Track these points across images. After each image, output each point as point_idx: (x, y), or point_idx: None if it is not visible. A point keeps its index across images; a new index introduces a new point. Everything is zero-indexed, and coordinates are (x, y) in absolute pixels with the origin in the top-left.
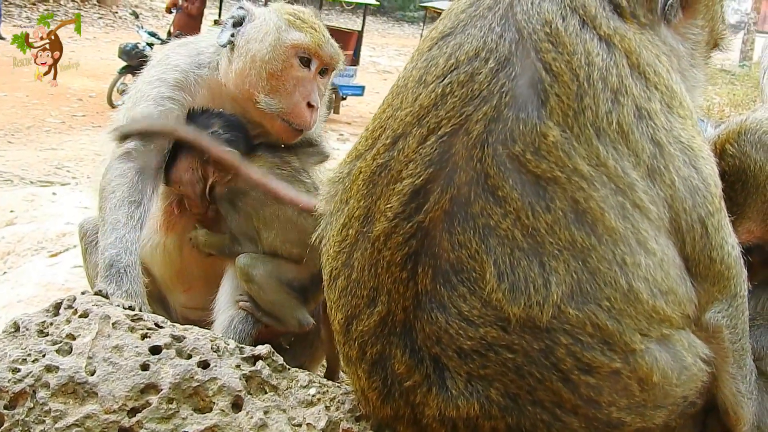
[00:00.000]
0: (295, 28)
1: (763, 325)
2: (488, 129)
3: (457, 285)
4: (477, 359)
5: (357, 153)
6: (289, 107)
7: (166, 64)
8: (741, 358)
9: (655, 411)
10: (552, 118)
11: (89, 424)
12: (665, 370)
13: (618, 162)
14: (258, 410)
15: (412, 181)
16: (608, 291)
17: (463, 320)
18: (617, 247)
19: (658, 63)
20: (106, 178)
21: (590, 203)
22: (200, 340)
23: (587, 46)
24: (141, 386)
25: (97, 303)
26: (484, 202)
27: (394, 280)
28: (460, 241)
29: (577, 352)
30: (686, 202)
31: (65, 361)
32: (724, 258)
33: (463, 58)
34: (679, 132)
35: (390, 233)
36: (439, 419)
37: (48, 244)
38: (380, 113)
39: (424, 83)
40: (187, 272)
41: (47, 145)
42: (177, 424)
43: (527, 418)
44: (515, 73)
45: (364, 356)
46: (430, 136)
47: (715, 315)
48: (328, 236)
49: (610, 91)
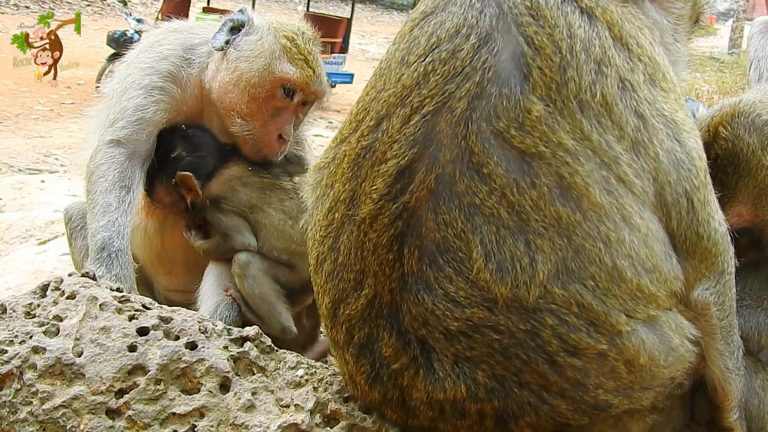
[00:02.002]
0: (288, 59)
1: (751, 306)
2: (472, 106)
3: (443, 266)
4: (463, 340)
5: (341, 137)
6: (260, 135)
7: (158, 51)
8: (729, 335)
9: (643, 393)
10: (535, 92)
11: (76, 405)
12: (652, 352)
13: (602, 135)
14: (246, 391)
15: (396, 162)
16: (593, 269)
17: (450, 301)
18: (602, 223)
19: (641, 35)
20: (95, 162)
21: (575, 178)
22: (188, 322)
23: (569, 18)
24: (128, 367)
25: (84, 284)
26: (469, 180)
27: (381, 262)
28: (445, 221)
29: (563, 334)
30: (671, 175)
31: (52, 343)
32: (711, 234)
33: (444, 36)
34: (662, 105)
35: (376, 215)
36: (426, 402)
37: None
38: (364, 96)
39: (406, 63)
40: (168, 255)
41: (35, 132)
42: (164, 405)
43: (514, 401)
44: (497, 48)
45: (351, 340)
46: (414, 116)
47: (703, 292)
48: (314, 221)
49: (594, 62)
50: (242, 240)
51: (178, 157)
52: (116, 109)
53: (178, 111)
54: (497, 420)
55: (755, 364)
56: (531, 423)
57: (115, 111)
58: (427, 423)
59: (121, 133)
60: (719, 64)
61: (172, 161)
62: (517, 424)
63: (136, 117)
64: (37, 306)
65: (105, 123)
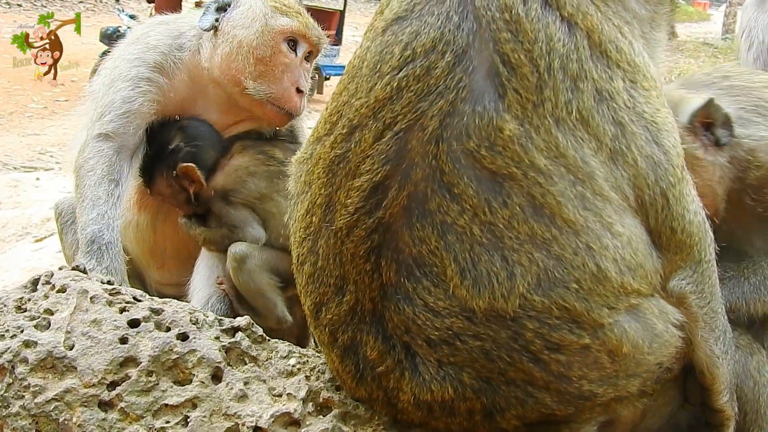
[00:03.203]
0: (282, 13)
1: (734, 276)
2: (443, 124)
3: (420, 278)
4: (445, 348)
5: (317, 135)
6: (278, 92)
7: (145, 42)
8: (712, 321)
9: (628, 380)
10: (510, 111)
11: (69, 398)
12: (635, 340)
13: (577, 151)
14: (238, 381)
15: (370, 177)
16: (577, 274)
17: (429, 311)
18: (579, 237)
19: (620, 37)
20: (83, 157)
21: (547, 198)
22: (179, 313)
23: (549, 30)
24: (120, 359)
25: (74, 278)
26: (440, 199)
27: (359, 271)
28: (420, 237)
29: (546, 334)
30: (649, 178)
31: (43, 336)
32: (685, 227)
33: (420, 50)
34: (643, 108)
35: (352, 227)
36: (414, 403)
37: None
38: (337, 94)
39: (379, 73)
40: (161, 249)
41: (30, 130)
42: (157, 397)
43: (501, 397)
44: (472, 66)
45: (335, 342)
46: (386, 132)
47: (679, 282)
48: (294, 217)
49: (570, 80)
50: (252, 233)
51: (176, 148)
52: (103, 103)
53: (167, 101)
54: (485, 414)
55: (750, 345)
56: (517, 415)
57: (102, 104)
58: (417, 421)
59: (109, 127)
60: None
61: (170, 153)
62: (504, 416)
63: (124, 110)
64: (28, 300)
65: (93, 117)
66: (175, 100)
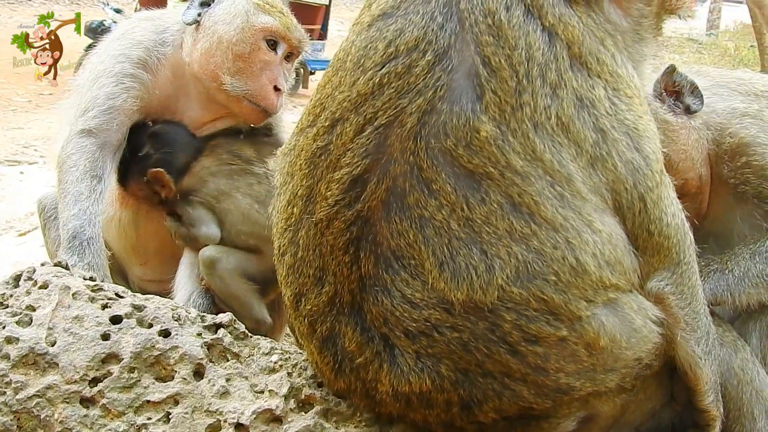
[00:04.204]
0: (264, 12)
1: (718, 269)
2: (422, 122)
3: (399, 270)
4: (424, 340)
5: (301, 126)
6: (255, 89)
7: (130, 38)
8: (694, 321)
9: (606, 375)
10: (487, 112)
11: (50, 394)
12: (613, 334)
13: (554, 155)
14: (220, 378)
15: (350, 171)
16: (556, 266)
17: (407, 303)
18: (558, 233)
19: (602, 49)
20: (66, 152)
21: (524, 198)
22: (161, 309)
23: (529, 39)
24: (102, 356)
25: (56, 274)
26: (419, 194)
27: (338, 263)
28: (398, 230)
29: (523, 326)
30: (627, 182)
31: (25, 333)
32: (663, 229)
33: (403, 48)
34: (625, 115)
35: (332, 218)
36: (392, 395)
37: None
38: (322, 86)
39: (362, 68)
40: (143, 246)
41: (14, 124)
42: (139, 393)
43: (479, 389)
44: (452, 65)
45: (314, 333)
46: (367, 126)
47: (657, 284)
48: (276, 209)
49: (549, 87)
50: (206, 231)
51: (146, 155)
52: (87, 98)
53: (150, 97)
54: (463, 406)
55: (734, 343)
56: (495, 408)
57: (86, 100)
58: (396, 412)
59: (92, 123)
60: (698, 46)
61: (141, 158)
62: (482, 409)
63: (107, 105)
64: (9, 296)
65: (77, 112)
66: (158, 97)
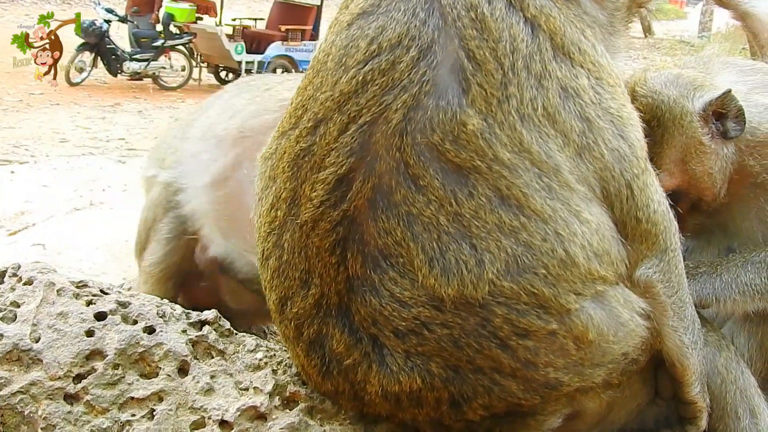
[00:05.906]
0: None
1: (706, 272)
2: (407, 118)
3: (387, 269)
4: (413, 338)
5: (282, 130)
6: None
7: None
8: (681, 310)
9: (594, 369)
10: (473, 106)
11: (34, 391)
12: (600, 328)
13: (542, 146)
14: (204, 375)
15: (335, 170)
16: (545, 259)
17: (396, 302)
18: (547, 225)
19: (583, 39)
20: None
21: (512, 190)
22: (146, 306)
23: (513, 31)
24: (86, 352)
25: (41, 270)
26: (406, 191)
27: (325, 264)
28: (385, 229)
29: (514, 320)
30: (614, 170)
31: (9, 329)
32: (650, 216)
33: (386, 45)
34: (609, 103)
35: (317, 220)
36: (382, 395)
37: (7, 222)
38: (302, 89)
39: (344, 67)
40: None
41: (5, 123)
42: (123, 390)
43: (469, 386)
44: (436, 61)
45: (300, 336)
46: (351, 125)
47: (646, 271)
48: (259, 213)
49: (534, 78)
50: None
51: None
52: None
53: None
54: (452, 404)
55: (718, 342)
56: (484, 404)
57: None
58: (384, 413)
59: None
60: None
61: None
62: (471, 406)
63: None
64: None
65: None
66: None
